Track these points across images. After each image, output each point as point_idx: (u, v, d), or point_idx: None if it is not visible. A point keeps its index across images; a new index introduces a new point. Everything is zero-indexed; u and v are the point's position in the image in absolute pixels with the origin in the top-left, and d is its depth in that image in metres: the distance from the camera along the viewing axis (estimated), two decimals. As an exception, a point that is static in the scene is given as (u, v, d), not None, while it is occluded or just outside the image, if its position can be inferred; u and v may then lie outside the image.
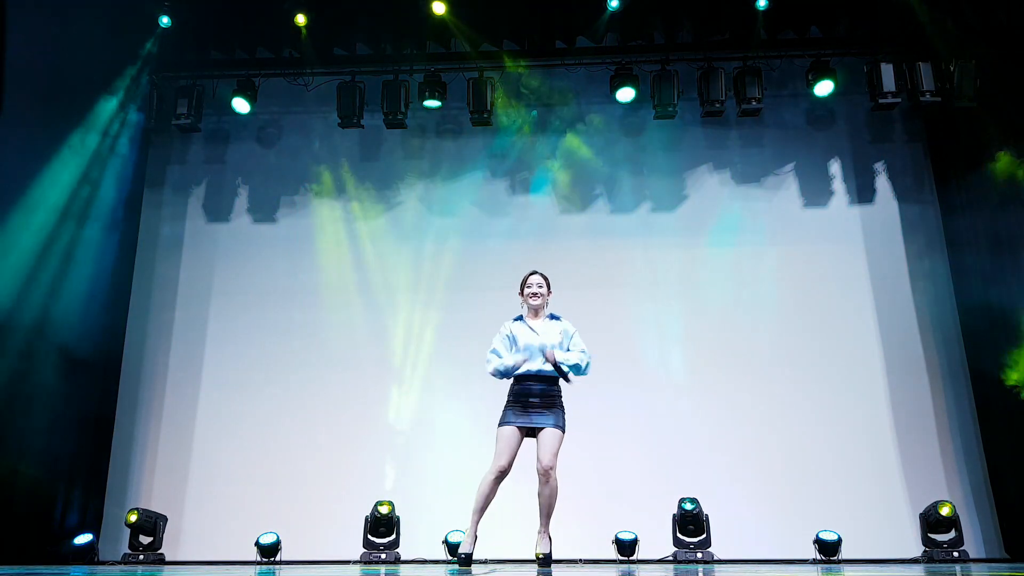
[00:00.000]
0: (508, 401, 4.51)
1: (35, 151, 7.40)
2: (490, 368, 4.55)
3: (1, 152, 6.85)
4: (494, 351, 4.59)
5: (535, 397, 4.44)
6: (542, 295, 4.61)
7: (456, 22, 7.53)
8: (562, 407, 4.50)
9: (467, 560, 4.36)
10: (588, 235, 8.09)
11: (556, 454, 4.38)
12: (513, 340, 4.57)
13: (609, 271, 7.96)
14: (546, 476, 4.35)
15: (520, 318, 4.65)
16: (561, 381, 4.54)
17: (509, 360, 4.48)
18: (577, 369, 4.49)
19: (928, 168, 8.00)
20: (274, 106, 8.35)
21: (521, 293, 4.65)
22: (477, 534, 4.43)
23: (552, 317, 4.65)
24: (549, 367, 4.46)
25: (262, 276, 8.16)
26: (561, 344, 4.53)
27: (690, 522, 6.85)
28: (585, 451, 7.24)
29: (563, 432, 4.44)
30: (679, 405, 7.59)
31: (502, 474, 4.37)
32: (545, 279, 4.67)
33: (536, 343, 4.48)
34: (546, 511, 4.41)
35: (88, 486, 7.38)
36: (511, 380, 4.55)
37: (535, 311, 4.62)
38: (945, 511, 6.60)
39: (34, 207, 7.40)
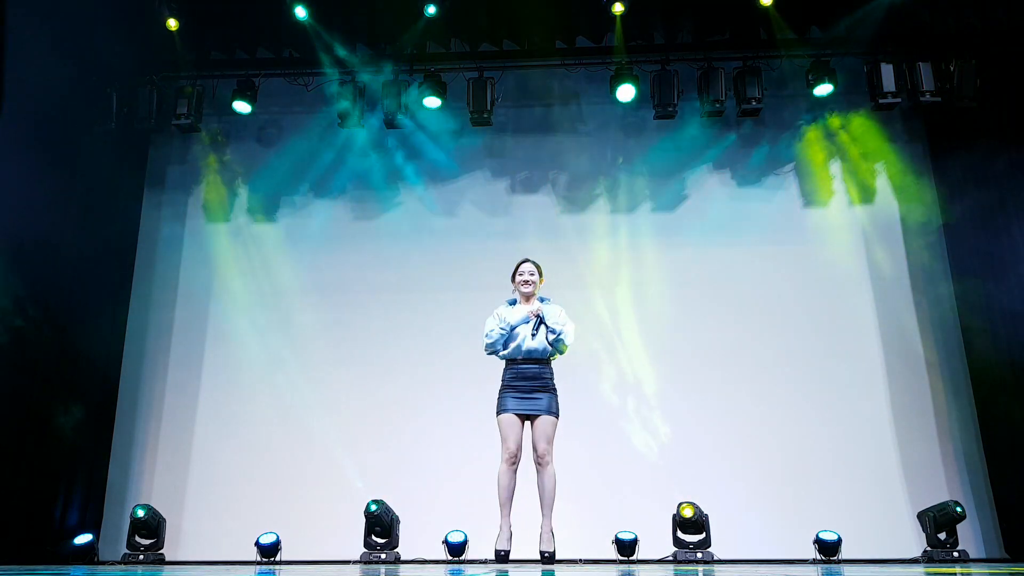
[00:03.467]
0: (503, 387, 4.60)
1: (36, 150, 7.40)
2: (490, 340, 4.60)
3: (3, 150, 6.86)
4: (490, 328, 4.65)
5: (528, 380, 4.53)
6: (533, 282, 4.70)
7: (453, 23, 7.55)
8: (555, 389, 4.59)
9: (504, 557, 4.39)
10: (588, 235, 8.09)
11: (551, 439, 4.47)
12: (506, 321, 4.66)
13: (609, 271, 7.96)
14: (542, 461, 4.39)
15: (513, 302, 4.74)
16: (552, 363, 4.64)
17: (505, 326, 4.55)
18: (555, 332, 4.53)
19: (928, 168, 8.00)
20: (274, 106, 8.34)
21: (513, 280, 4.74)
22: (511, 530, 4.46)
23: (542, 301, 4.72)
24: (539, 345, 4.53)
25: (262, 276, 8.16)
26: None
27: (690, 525, 6.83)
28: (586, 450, 7.26)
29: (557, 417, 4.53)
30: (679, 404, 7.59)
31: (514, 459, 4.45)
32: (537, 267, 4.74)
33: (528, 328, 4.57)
34: (547, 502, 4.44)
35: (88, 486, 7.39)
36: (504, 365, 4.62)
37: (526, 298, 4.70)
38: (960, 510, 6.60)
39: (34, 207, 7.40)
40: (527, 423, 4.54)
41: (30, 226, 7.37)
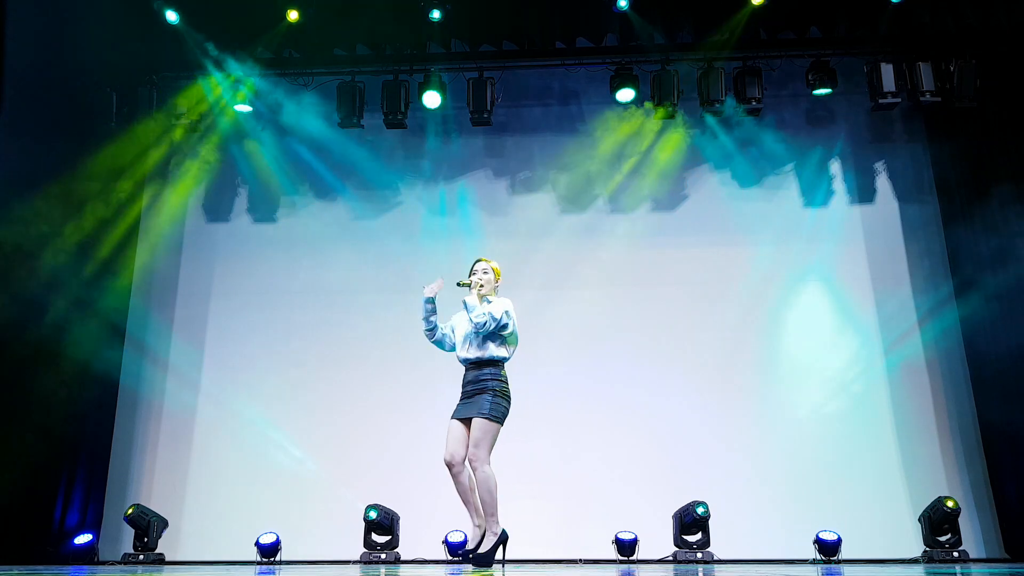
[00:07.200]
0: None
1: (36, 150, 7.41)
2: (432, 337, 4.73)
3: (3, 150, 6.86)
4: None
5: (466, 385, 4.48)
6: (487, 281, 4.56)
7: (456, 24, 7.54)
8: (494, 390, 4.37)
9: (467, 557, 4.40)
10: (588, 235, 8.09)
11: (477, 443, 4.32)
12: (453, 329, 4.68)
13: (609, 271, 7.96)
14: (470, 465, 4.33)
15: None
16: (492, 368, 4.44)
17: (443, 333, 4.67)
18: (473, 309, 4.40)
19: (928, 168, 7.99)
20: (275, 105, 8.33)
21: None
22: (478, 532, 4.45)
23: (487, 302, 4.53)
24: (473, 354, 4.47)
25: (262, 276, 8.16)
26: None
27: (702, 524, 6.81)
28: (586, 451, 7.27)
29: (490, 420, 4.31)
30: (680, 405, 7.59)
31: (448, 466, 4.41)
32: (492, 266, 4.63)
33: (469, 328, 4.48)
34: (482, 507, 4.37)
35: (88, 486, 7.39)
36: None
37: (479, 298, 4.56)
38: (951, 504, 6.62)
39: (35, 205, 7.41)
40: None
41: (30, 225, 7.39)
